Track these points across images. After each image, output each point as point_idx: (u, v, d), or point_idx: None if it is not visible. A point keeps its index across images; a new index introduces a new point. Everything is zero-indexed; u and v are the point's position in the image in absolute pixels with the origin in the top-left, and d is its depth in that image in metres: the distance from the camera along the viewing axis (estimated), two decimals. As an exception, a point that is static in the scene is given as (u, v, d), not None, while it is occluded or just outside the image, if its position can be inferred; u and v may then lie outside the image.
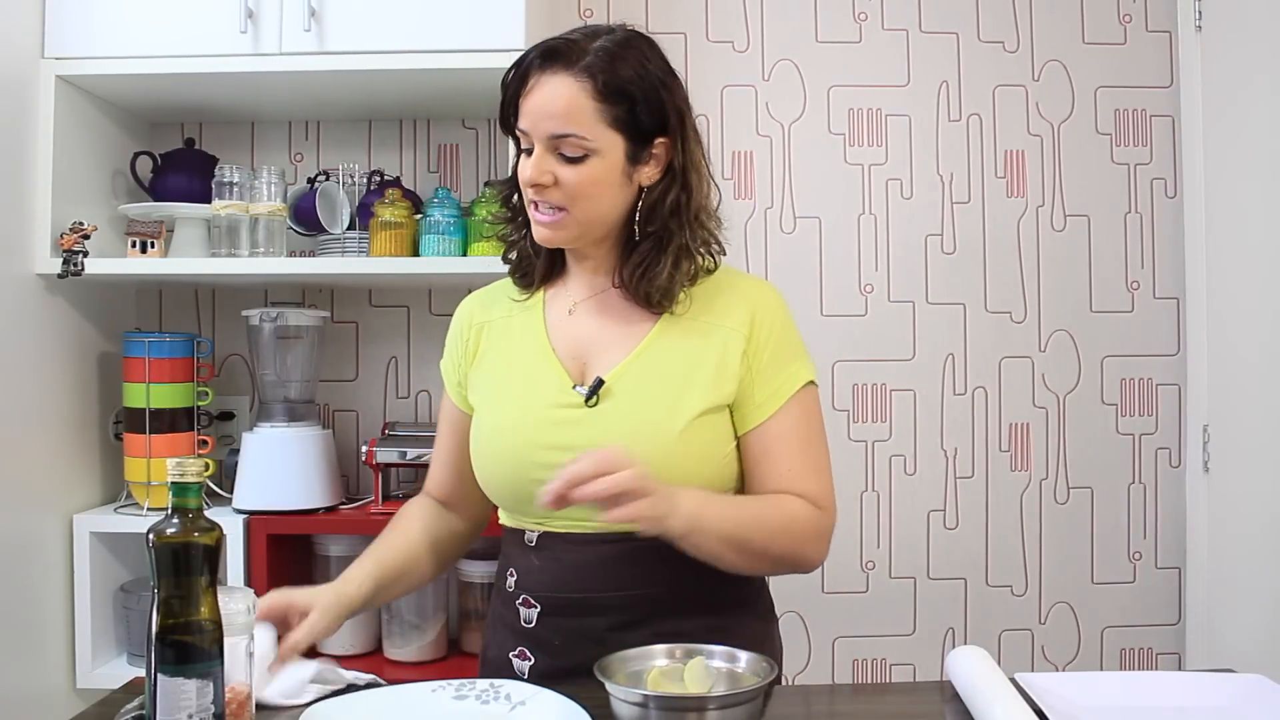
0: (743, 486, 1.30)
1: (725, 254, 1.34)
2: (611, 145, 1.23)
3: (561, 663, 1.24)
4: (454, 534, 1.44)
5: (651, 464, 1.15)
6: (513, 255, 1.37)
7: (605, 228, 1.28)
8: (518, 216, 1.34)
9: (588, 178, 1.23)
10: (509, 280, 1.40)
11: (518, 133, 1.26)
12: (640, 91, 1.24)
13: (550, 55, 1.23)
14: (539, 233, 1.27)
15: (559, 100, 1.21)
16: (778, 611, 2.31)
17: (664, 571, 1.23)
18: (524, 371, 1.31)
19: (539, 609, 1.27)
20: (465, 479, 1.38)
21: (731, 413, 1.28)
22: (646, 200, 1.27)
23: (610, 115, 1.22)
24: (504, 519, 1.36)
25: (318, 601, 1.24)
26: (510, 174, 1.34)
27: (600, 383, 1.25)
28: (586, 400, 1.25)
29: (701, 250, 1.30)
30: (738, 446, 1.29)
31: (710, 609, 1.27)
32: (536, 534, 1.29)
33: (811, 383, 1.32)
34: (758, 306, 1.29)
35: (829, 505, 1.28)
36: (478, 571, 2.00)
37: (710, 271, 1.32)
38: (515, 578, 1.30)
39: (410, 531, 1.40)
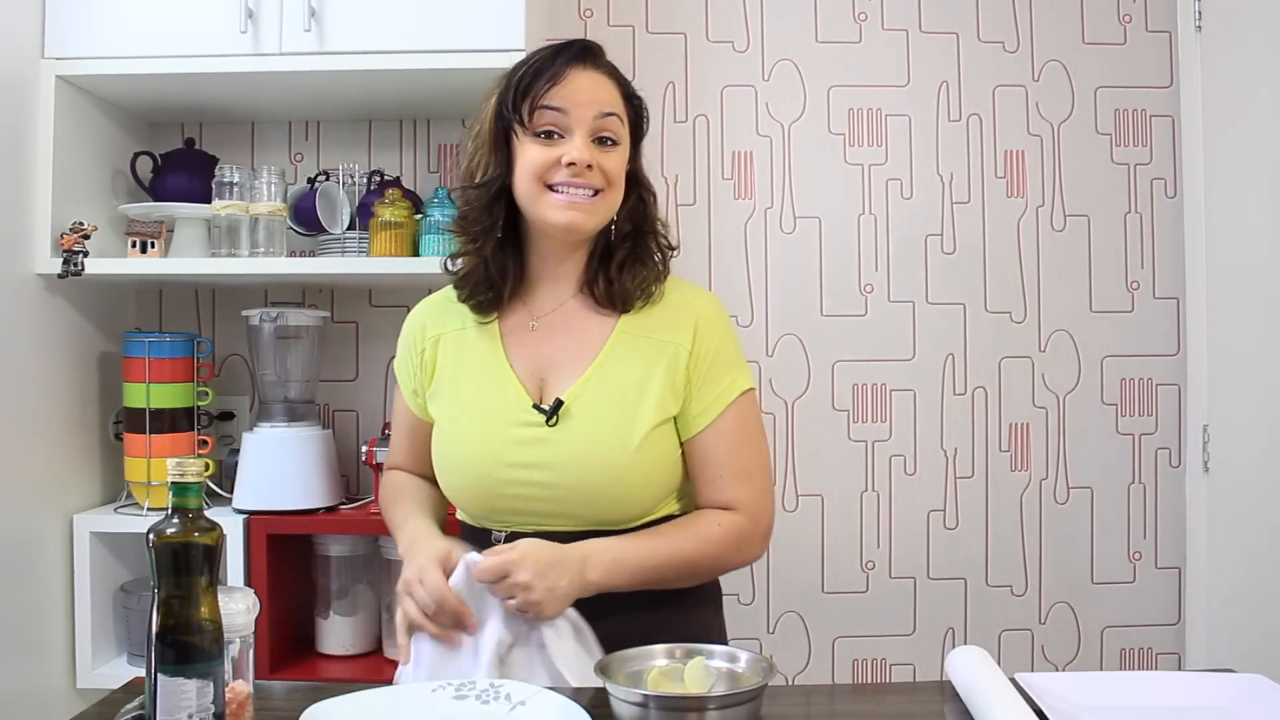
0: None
1: (675, 251, 1.42)
2: (627, 140, 1.34)
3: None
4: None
5: (608, 478, 1.28)
6: (467, 277, 1.37)
7: (609, 219, 1.35)
8: (494, 226, 1.33)
9: (618, 166, 1.32)
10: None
11: (546, 112, 1.28)
12: (638, 97, 1.38)
13: (586, 53, 1.32)
14: (570, 216, 1.28)
15: (602, 89, 1.31)
16: (777, 613, 2.35)
17: None
18: (483, 389, 1.35)
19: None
20: (420, 467, 1.47)
21: (675, 421, 1.34)
22: (623, 207, 1.36)
23: (628, 115, 1.35)
24: (465, 519, 1.41)
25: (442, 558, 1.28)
26: (489, 176, 1.33)
27: (559, 404, 1.30)
28: (547, 421, 1.29)
29: (660, 249, 1.39)
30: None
31: (664, 600, 1.32)
32: (504, 534, 1.33)
33: (749, 390, 1.37)
34: (700, 320, 1.35)
35: (757, 508, 1.34)
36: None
37: (666, 273, 1.39)
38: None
39: (425, 485, 1.49)
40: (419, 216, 2.02)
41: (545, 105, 1.28)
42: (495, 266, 1.35)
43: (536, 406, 1.30)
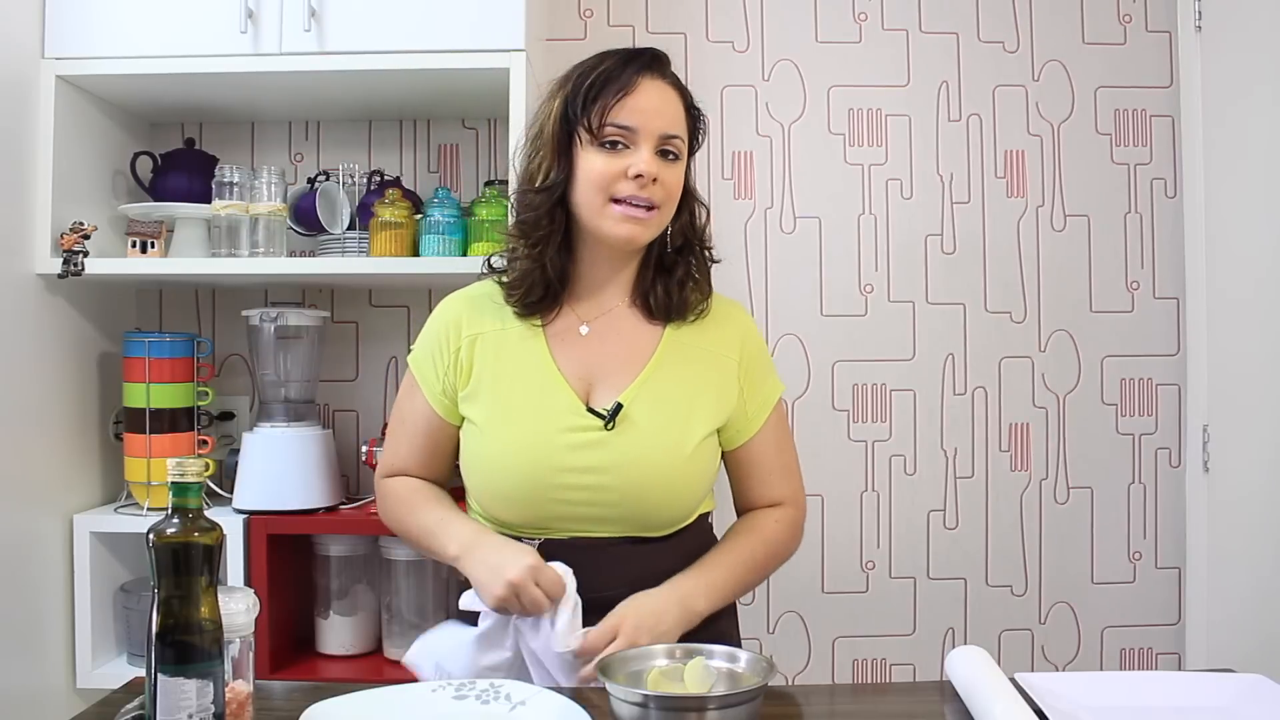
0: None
1: (718, 263, 1.45)
2: (686, 154, 1.35)
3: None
4: None
5: (660, 484, 1.30)
6: (523, 279, 1.35)
7: (662, 231, 1.36)
8: (556, 231, 1.32)
9: (678, 180, 1.33)
10: (494, 287, 1.39)
11: (613, 128, 1.28)
12: (698, 110, 1.39)
13: (656, 63, 1.32)
14: (628, 230, 1.29)
15: (670, 104, 1.32)
16: (777, 612, 2.35)
17: (658, 566, 1.31)
18: (530, 392, 1.32)
19: None
20: (431, 471, 1.43)
21: (718, 431, 1.37)
22: (678, 220, 1.37)
23: (689, 129, 1.36)
24: (489, 527, 1.36)
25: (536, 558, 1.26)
26: (551, 180, 1.31)
27: (619, 408, 1.29)
28: (606, 425, 1.29)
29: (707, 262, 1.42)
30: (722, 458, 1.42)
31: None
32: (538, 542, 1.31)
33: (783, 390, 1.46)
34: (745, 332, 1.42)
35: (800, 499, 1.45)
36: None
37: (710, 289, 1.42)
38: None
39: (444, 491, 1.45)
40: (419, 216, 2.02)
41: (615, 121, 1.28)
42: (554, 270, 1.34)
43: (592, 410, 1.30)
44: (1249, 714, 1.08)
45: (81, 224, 1.93)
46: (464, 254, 1.99)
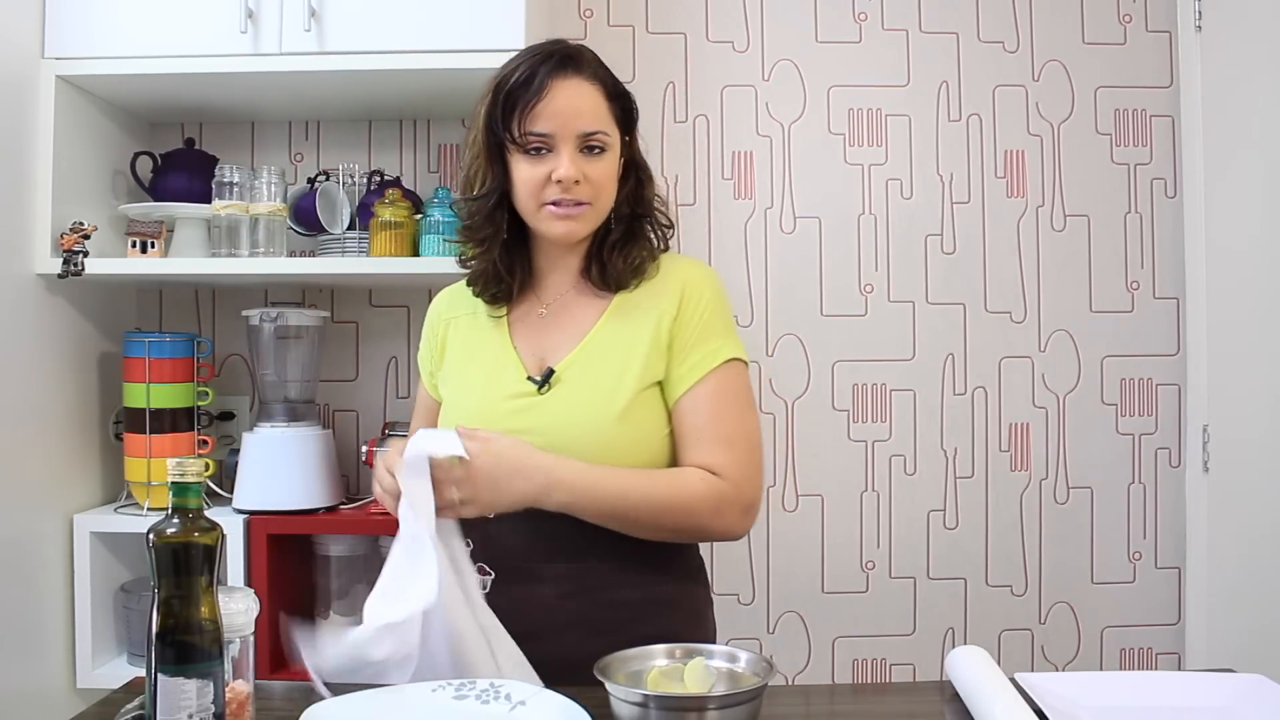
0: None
1: (672, 229, 1.44)
2: (616, 141, 1.35)
3: (514, 627, 1.25)
4: None
5: (595, 444, 1.29)
6: (479, 275, 1.41)
7: (604, 219, 1.38)
8: (499, 232, 1.38)
9: (607, 172, 1.34)
10: None
11: (532, 136, 1.30)
12: (624, 93, 1.38)
13: (567, 61, 1.31)
14: (564, 227, 1.33)
15: (586, 100, 1.31)
16: (776, 613, 2.34)
17: (608, 543, 1.29)
18: (486, 366, 1.40)
19: (492, 576, 1.33)
20: None
21: (663, 391, 1.35)
22: (621, 190, 1.39)
23: (616, 113, 1.36)
24: None
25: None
26: (487, 188, 1.36)
27: (551, 372, 1.34)
28: (539, 389, 1.33)
29: (656, 228, 1.42)
30: None
31: (651, 578, 1.33)
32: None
33: (736, 360, 1.35)
34: (688, 285, 1.36)
35: (740, 477, 1.30)
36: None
37: (663, 250, 1.42)
38: (472, 547, 1.33)
39: None
40: (419, 216, 2.02)
41: (532, 130, 1.30)
42: (503, 265, 1.40)
43: (530, 378, 1.35)
44: (1249, 714, 1.08)
45: (81, 224, 1.93)
46: (464, 254, 1.99)
